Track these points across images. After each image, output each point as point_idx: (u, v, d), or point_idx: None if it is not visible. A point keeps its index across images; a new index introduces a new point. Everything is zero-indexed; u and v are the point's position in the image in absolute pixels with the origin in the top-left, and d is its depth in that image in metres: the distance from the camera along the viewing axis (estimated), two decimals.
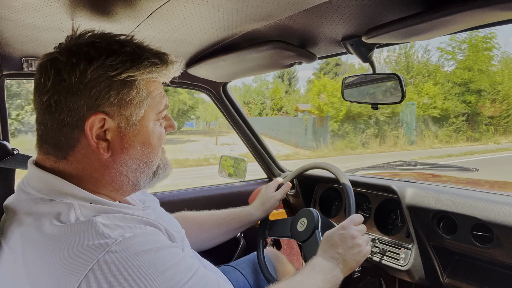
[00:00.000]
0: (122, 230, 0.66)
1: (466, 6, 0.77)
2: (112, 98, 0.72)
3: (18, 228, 0.68)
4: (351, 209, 1.22)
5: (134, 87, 0.74)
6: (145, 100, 0.76)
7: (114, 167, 0.76)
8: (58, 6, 0.85)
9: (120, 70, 0.71)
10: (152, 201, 0.99)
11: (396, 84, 1.27)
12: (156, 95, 0.79)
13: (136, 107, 0.75)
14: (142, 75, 0.74)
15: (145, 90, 0.76)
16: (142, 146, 0.78)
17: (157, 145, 0.81)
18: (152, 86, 0.78)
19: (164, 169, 0.85)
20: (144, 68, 0.74)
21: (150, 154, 0.79)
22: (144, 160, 0.79)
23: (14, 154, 0.98)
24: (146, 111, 0.77)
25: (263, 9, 0.91)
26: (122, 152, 0.76)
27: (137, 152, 0.77)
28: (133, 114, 0.75)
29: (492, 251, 1.13)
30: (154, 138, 0.80)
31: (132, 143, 0.76)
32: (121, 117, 0.74)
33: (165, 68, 0.78)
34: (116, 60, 0.71)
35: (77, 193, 0.72)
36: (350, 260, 1.02)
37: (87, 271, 0.60)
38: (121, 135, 0.75)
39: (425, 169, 1.78)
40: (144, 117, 0.77)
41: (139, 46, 0.76)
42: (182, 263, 0.69)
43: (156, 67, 0.75)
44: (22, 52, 1.21)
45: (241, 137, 1.98)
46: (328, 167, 1.38)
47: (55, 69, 0.70)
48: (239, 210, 1.39)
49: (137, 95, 0.75)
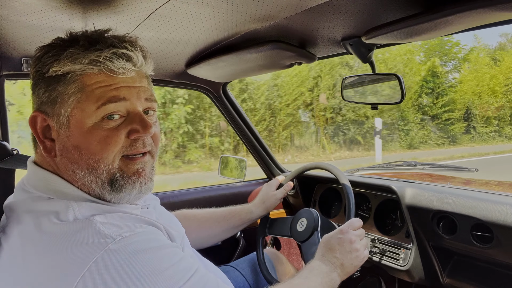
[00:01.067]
0: (120, 229, 0.66)
1: (466, 6, 0.77)
2: (44, 95, 0.71)
3: (17, 226, 0.68)
4: (350, 212, 1.22)
5: (62, 82, 0.69)
6: (72, 96, 0.68)
7: (63, 170, 0.72)
8: (58, 6, 0.85)
9: (48, 66, 0.69)
10: (152, 200, 0.99)
11: (396, 84, 1.27)
12: (97, 88, 0.69)
13: (62, 104, 0.69)
14: (63, 68, 0.68)
15: (77, 84, 0.68)
16: (77, 149, 0.69)
17: (97, 150, 0.69)
18: (91, 80, 0.69)
19: (126, 181, 0.72)
20: (63, 60, 0.68)
21: (88, 160, 0.69)
22: (85, 167, 0.70)
23: (14, 154, 0.98)
24: (75, 109, 0.69)
25: (263, 10, 0.91)
26: (60, 154, 0.71)
27: (73, 156, 0.70)
28: (61, 112, 0.70)
29: (492, 251, 1.13)
30: (91, 142, 0.69)
31: (66, 145, 0.70)
32: (54, 116, 0.71)
33: (85, 56, 0.67)
34: (49, 55, 0.69)
35: (74, 192, 0.72)
36: (347, 264, 1.02)
37: (86, 270, 0.60)
38: (58, 136, 0.71)
39: (424, 169, 1.78)
40: (74, 116, 0.69)
41: (92, 37, 0.70)
42: (181, 263, 0.69)
43: (74, 57, 0.67)
44: (22, 52, 1.21)
45: (241, 137, 1.98)
46: (328, 168, 1.38)
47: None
48: (240, 208, 1.38)
49: (64, 90, 0.69)
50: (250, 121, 1.95)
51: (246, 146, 2.01)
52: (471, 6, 0.77)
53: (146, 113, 0.77)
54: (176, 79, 1.66)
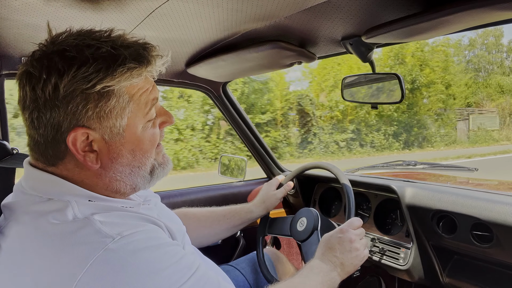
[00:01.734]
0: (120, 228, 0.65)
1: (466, 5, 0.77)
2: (90, 111, 0.68)
3: (16, 226, 0.68)
4: (350, 211, 1.22)
5: (113, 96, 0.69)
6: (126, 107, 0.71)
7: (106, 175, 0.74)
8: (58, 6, 0.85)
9: (94, 82, 0.66)
10: (153, 197, 0.99)
11: (396, 84, 1.27)
12: (141, 95, 0.73)
13: (118, 117, 0.70)
14: (120, 83, 0.68)
15: (126, 95, 0.71)
16: (132, 152, 0.74)
17: (149, 148, 0.77)
18: (134, 89, 0.72)
19: (162, 168, 0.82)
20: (120, 75, 0.68)
21: (142, 158, 0.76)
22: (137, 165, 0.76)
23: (13, 153, 0.98)
24: (130, 118, 0.72)
25: (263, 9, 0.91)
26: (111, 161, 0.72)
27: (127, 159, 0.74)
28: (115, 124, 0.70)
29: (492, 251, 1.13)
30: (145, 143, 0.75)
31: (120, 152, 0.73)
32: (104, 128, 0.70)
33: (145, 69, 0.71)
34: (89, 70, 0.66)
35: (74, 191, 0.71)
36: (347, 264, 1.02)
37: (85, 269, 0.59)
38: (107, 146, 0.71)
39: (425, 168, 1.78)
40: (130, 125, 0.72)
41: (116, 45, 0.69)
42: (182, 261, 0.69)
43: (134, 71, 0.69)
44: (21, 52, 1.21)
45: (241, 137, 1.98)
46: (328, 167, 1.38)
47: (29, 85, 0.67)
48: (240, 207, 1.38)
49: (117, 104, 0.70)
50: (250, 120, 1.95)
51: (246, 145, 2.01)
52: (471, 5, 0.77)
53: None
54: (176, 78, 1.66)
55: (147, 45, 0.73)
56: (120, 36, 0.72)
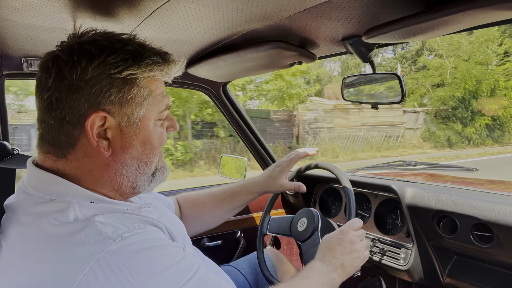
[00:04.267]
0: (121, 230, 0.66)
1: (466, 5, 0.77)
2: (113, 96, 0.72)
3: (17, 227, 0.68)
4: (351, 213, 1.22)
5: (136, 85, 0.74)
6: (146, 99, 0.76)
7: (114, 166, 0.75)
8: (58, 6, 0.85)
9: (122, 68, 0.71)
10: (153, 199, 0.99)
11: (396, 84, 1.27)
12: (158, 94, 0.78)
13: (137, 105, 0.75)
14: (144, 73, 0.74)
15: (146, 88, 0.76)
16: (143, 145, 0.77)
17: (157, 145, 0.80)
18: (153, 85, 0.77)
19: (162, 172, 0.84)
20: (145, 66, 0.73)
21: (150, 154, 0.79)
22: (144, 160, 0.78)
23: (14, 154, 0.98)
24: (147, 110, 0.76)
25: (263, 9, 0.91)
26: (122, 151, 0.75)
27: (137, 151, 0.77)
28: (134, 113, 0.74)
29: (492, 251, 1.13)
30: (155, 138, 0.79)
31: (132, 142, 0.76)
32: (122, 115, 0.73)
33: (167, 66, 0.77)
34: (118, 58, 0.71)
35: (77, 192, 0.71)
36: (348, 265, 1.02)
37: (86, 271, 0.60)
38: (121, 134, 0.74)
39: (425, 169, 1.78)
40: (145, 116, 0.76)
41: (141, 44, 0.76)
42: (182, 262, 0.69)
43: (158, 65, 0.75)
44: (22, 52, 1.21)
45: (241, 137, 1.98)
46: (329, 168, 1.38)
47: (56, 66, 0.70)
48: (240, 188, 1.32)
49: (139, 93, 0.74)
50: (250, 120, 1.95)
51: (246, 145, 2.01)
52: (472, 5, 0.77)
53: None
54: (176, 78, 1.65)
55: (166, 51, 0.80)
56: (144, 41, 0.78)
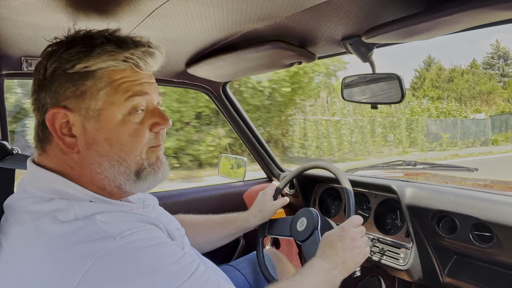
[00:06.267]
0: (121, 228, 0.66)
1: (466, 6, 0.77)
2: (69, 91, 0.71)
3: (17, 227, 0.68)
4: (350, 212, 1.22)
5: (91, 77, 0.71)
6: (102, 89, 0.72)
7: (86, 164, 0.73)
8: (58, 5, 0.85)
9: (74, 62, 0.70)
10: (151, 200, 1.00)
11: (396, 84, 1.27)
12: (124, 82, 0.73)
13: (92, 97, 0.71)
14: (97, 64, 0.71)
15: (105, 79, 0.72)
16: (108, 142, 0.73)
17: (129, 143, 0.74)
18: (118, 75, 0.73)
19: (152, 170, 0.78)
20: (96, 56, 0.71)
21: (120, 152, 0.73)
22: (115, 158, 0.73)
23: (13, 154, 0.98)
24: (105, 102, 0.72)
25: (263, 9, 0.91)
26: (87, 148, 0.73)
27: (103, 149, 0.73)
28: (90, 106, 0.72)
29: (492, 251, 1.13)
30: (123, 135, 0.73)
31: (95, 138, 0.72)
32: (80, 110, 0.72)
33: (121, 54, 0.72)
34: (72, 52, 0.71)
35: (76, 191, 0.72)
36: (349, 261, 1.02)
37: (87, 269, 0.60)
38: (84, 130, 0.73)
39: (424, 168, 1.78)
40: (105, 109, 0.72)
41: (109, 37, 0.74)
42: (182, 261, 0.69)
43: (110, 54, 0.71)
44: (21, 52, 1.21)
45: (241, 137, 1.98)
46: (328, 167, 1.38)
47: (35, 70, 0.76)
48: (236, 215, 1.37)
49: (94, 85, 0.71)
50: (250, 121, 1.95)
51: (246, 145, 2.01)
52: (471, 5, 0.77)
53: (158, 105, 0.82)
54: (176, 78, 1.66)
55: (142, 40, 0.76)
56: (116, 31, 0.76)
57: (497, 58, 35.76)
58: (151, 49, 0.76)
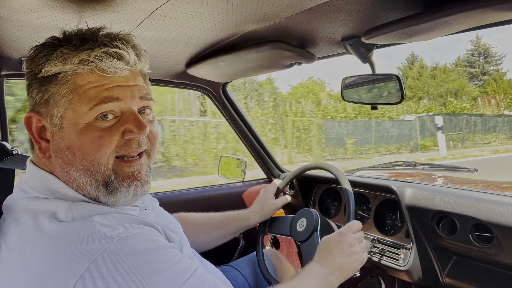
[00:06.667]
0: (119, 230, 0.66)
1: (466, 6, 0.77)
2: (38, 96, 0.70)
3: (15, 226, 0.68)
4: (350, 214, 1.22)
5: (55, 82, 0.67)
6: (64, 96, 0.67)
7: (58, 171, 0.72)
8: (58, 6, 0.85)
9: (41, 66, 0.68)
10: (150, 201, 0.99)
11: (396, 85, 1.27)
12: (90, 88, 0.67)
13: (55, 104, 0.68)
14: (54, 68, 0.66)
15: (69, 84, 0.67)
16: (71, 150, 0.69)
17: (91, 151, 0.68)
18: (83, 80, 0.67)
19: (122, 184, 0.71)
20: (54, 59, 0.66)
21: (83, 160, 0.69)
22: (79, 167, 0.69)
23: (13, 154, 0.98)
24: (68, 110, 0.68)
25: (263, 10, 0.91)
26: (54, 155, 0.71)
27: (67, 157, 0.69)
28: (54, 113, 0.69)
29: (492, 251, 1.13)
30: (85, 143, 0.68)
31: (59, 146, 0.70)
32: (47, 116, 0.70)
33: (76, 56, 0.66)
34: (41, 55, 0.68)
35: (71, 193, 0.72)
36: (346, 267, 1.02)
37: (84, 270, 0.60)
38: (52, 136, 0.71)
39: (424, 169, 1.78)
40: (68, 117, 0.68)
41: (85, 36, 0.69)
42: (180, 263, 0.69)
43: (64, 58, 0.66)
44: (21, 52, 1.21)
45: (241, 138, 1.98)
46: (329, 168, 1.38)
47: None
48: (238, 214, 1.38)
49: (57, 91, 0.68)
50: (250, 121, 1.95)
51: (246, 146, 2.01)
52: (471, 6, 0.77)
53: (142, 112, 0.76)
54: (176, 79, 1.66)
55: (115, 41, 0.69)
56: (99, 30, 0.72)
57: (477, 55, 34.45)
58: (115, 49, 0.68)
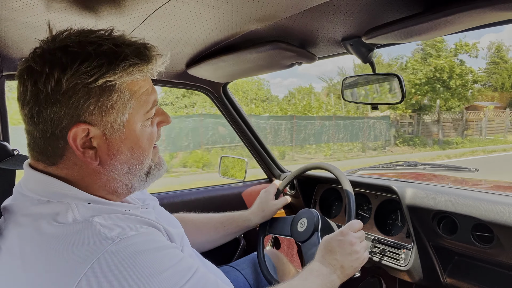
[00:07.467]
0: (120, 230, 0.65)
1: (466, 6, 0.77)
2: (92, 106, 0.68)
3: (15, 229, 0.68)
4: (351, 214, 1.22)
5: (115, 91, 0.70)
6: (128, 103, 0.72)
7: (104, 173, 0.74)
8: (58, 7, 0.85)
9: (97, 76, 0.66)
10: (151, 200, 0.99)
11: (396, 84, 1.27)
12: (142, 94, 0.74)
13: (119, 112, 0.71)
14: (121, 78, 0.69)
15: (127, 92, 0.71)
16: (131, 150, 0.75)
17: (147, 146, 0.77)
18: (135, 86, 0.73)
19: (157, 169, 0.82)
20: (122, 70, 0.69)
21: (140, 156, 0.76)
22: (134, 163, 0.76)
23: (14, 154, 0.98)
24: (131, 114, 0.73)
25: (263, 10, 0.91)
26: (110, 158, 0.73)
27: (125, 156, 0.74)
28: (116, 120, 0.71)
29: (492, 251, 1.13)
30: (143, 141, 0.76)
31: (119, 149, 0.73)
32: (104, 124, 0.70)
33: (146, 66, 0.72)
34: (91, 65, 0.66)
35: (74, 193, 0.71)
36: (347, 266, 1.02)
37: (85, 272, 0.59)
38: (107, 142, 0.72)
39: (425, 169, 1.78)
40: (130, 121, 0.73)
41: (117, 43, 0.70)
42: (181, 263, 0.69)
43: (136, 67, 0.70)
44: (22, 53, 1.21)
45: (241, 138, 1.98)
46: (329, 168, 1.38)
47: (31, 79, 0.67)
48: (238, 214, 1.38)
49: (119, 99, 0.70)
50: (251, 121, 1.95)
51: (247, 146, 2.01)
52: (471, 6, 0.77)
53: None
54: (177, 79, 1.67)
55: (147, 44, 0.74)
56: (120, 36, 0.73)
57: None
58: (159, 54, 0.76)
